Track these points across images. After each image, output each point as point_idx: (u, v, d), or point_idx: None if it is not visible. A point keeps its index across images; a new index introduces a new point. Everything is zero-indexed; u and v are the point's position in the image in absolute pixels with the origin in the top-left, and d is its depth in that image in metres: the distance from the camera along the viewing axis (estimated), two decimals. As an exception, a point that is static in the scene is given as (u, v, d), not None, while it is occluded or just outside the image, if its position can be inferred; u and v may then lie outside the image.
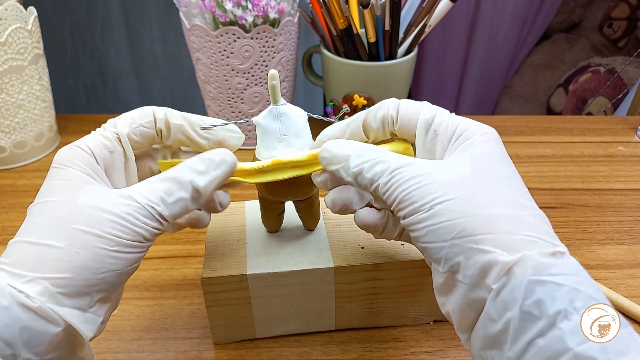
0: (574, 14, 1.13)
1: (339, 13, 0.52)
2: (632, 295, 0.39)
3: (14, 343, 0.21)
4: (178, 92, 1.07)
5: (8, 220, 0.48)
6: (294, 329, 0.36)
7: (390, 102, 0.28)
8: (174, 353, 0.35)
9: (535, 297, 0.20)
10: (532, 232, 0.21)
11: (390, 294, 0.35)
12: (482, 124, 0.26)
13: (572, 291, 0.20)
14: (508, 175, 0.24)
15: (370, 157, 0.25)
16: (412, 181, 0.23)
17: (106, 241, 0.23)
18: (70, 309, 0.22)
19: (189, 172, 0.26)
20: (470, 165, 0.24)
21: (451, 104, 1.15)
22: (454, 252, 0.22)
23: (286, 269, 0.32)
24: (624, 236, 0.46)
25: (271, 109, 0.30)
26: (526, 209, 0.23)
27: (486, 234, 0.21)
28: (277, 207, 0.33)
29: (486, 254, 0.21)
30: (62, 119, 0.64)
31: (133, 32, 0.99)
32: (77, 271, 0.22)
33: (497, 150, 0.25)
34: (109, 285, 0.23)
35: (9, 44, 0.51)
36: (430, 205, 0.23)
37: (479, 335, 0.22)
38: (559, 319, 0.19)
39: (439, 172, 0.23)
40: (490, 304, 0.21)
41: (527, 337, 0.20)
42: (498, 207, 0.22)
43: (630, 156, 0.59)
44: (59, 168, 0.25)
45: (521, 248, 0.21)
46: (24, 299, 0.21)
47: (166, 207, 0.24)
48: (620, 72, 0.96)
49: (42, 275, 0.22)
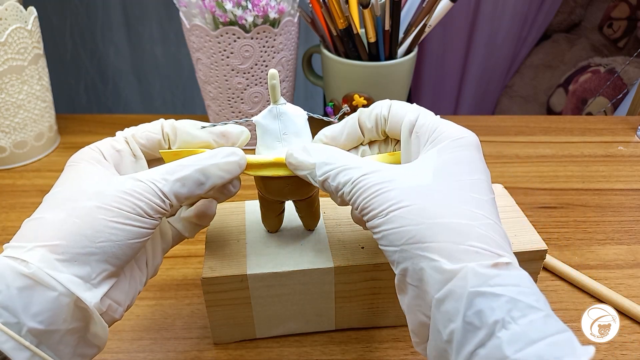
0: (574, 14, 1.13)
1: (339, 13, 0.52)
2: (632, 295, 0.39)
3: (17, 311, 0.21)
4: (178, 92, 1.07)
5: (8, 220, 0.48)
6: (294, 329, 0.36)
7: (383, 103, 0.29)
8: (174, 353, 0.35)
9: (476, 308, 0.20)
10: (478, 243, 0.22)
11: (390, 294, 0.35)
12: (460, 128, 0.27)
13: (510, 301, 0.20)
14: (469, 184, 0.24)
15: (335, 164, 0.26)
16: (373, 189, 0.24)
17: (104, 211, 0.23)
18: (69, 275, 0.22)
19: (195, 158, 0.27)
20: (432, 173, 0.24)
21: (451, 104, 1.15)
22: (403, 257, 0.23)
23: (286, 269, 0.32)
24: (624, 236, 0.46)
25: (271, 108, 0.30)
26: (477, 219, 0.23)
27: (432, 242, 0.22)
28: (277, 207, 0.33)
29: (430, 261, 0.22)
30: (62, 119, 0.64)
31: (133, 32, 0.99)
32: (74, 238, 0.23)
33: (466, 157, 0.25)
34: (110, 256, 0.24)
35: (9, 44, 0.51)
36: (386, 212, 0.23)
37: (432, 346, 0.22)
38: (497, 329, 0.19)
39: (400, 180, 0.24)
40: (435, 314, 0.22)
41: (470, 347, 0.20)
42: (448, 216, 0.23)
43: (630, 156, 0.59)
44: (70, 166, 0.27)
45: (464, 258, 0.21)
46: (18, 266, 0.22)
47: (167, 184, 0.25)
48: (620, 72, 0.96)
49: (40, 243, 0.22)
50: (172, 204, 0.26)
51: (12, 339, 0.21)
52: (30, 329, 0.21)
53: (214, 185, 0.27)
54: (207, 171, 0.27)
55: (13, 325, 0.21)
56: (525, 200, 0.51)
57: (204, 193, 0.27)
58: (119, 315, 0.26)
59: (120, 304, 0.26)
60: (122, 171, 0.28)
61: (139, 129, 0.30)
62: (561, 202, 0.51)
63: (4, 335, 0.21)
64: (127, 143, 0.29)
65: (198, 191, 0.27)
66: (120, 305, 0.26)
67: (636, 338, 0.36)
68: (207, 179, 0.27)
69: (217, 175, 0.27)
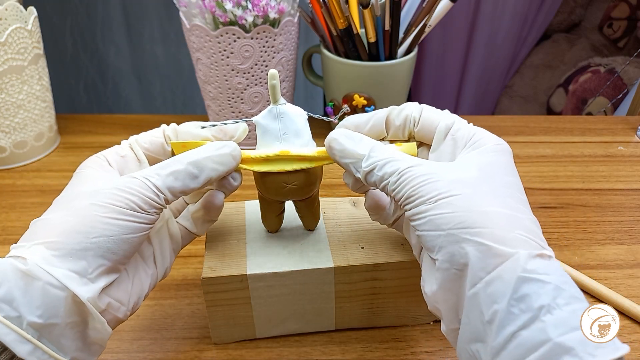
0: (574, 14, 1.13)
1: (339, 13, 0.52)
2: (632, 295, 0.39)
3: (17, 305, 0.22)
4: (178, 92, 1.07)
5: (8, 220, 0.48)
6: (294, 329, 0.36)
7: (414, 105, 0.31)
8: (174, 353, 0.35)
9: (522, 292, 0.21)
10: (526, 233, 0.23)
11: (390, 294, 0.35)
12: (496, 136, 0.28)
13: (556, 289, 0.21)
14: (510, 184, 0.26)
15: (382, 156, 0.27)
16: (420, 178, 0.25)
17: (98, 207, 0.24)
18: (65, 270, 0.23)
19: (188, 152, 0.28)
20: (476, 169, 0.26)
21: (451, 104, 1.15)
22: (449, 240, 0.23)
23: (286, 269, 0.32)
24: (624, 236, 0.46)
25: (271, 108, 0.30)
26: (522, 213, 0.24)
27: (483, 227, 0.23)
28: (277, 207, 0.33)
29: (480, 245, 0.22)
30: (62, 119, 0.64)
31: (133, 32, 0.99)
32: (69, 235, 0.24)
33: (505, 161, 0.27)
34: (105, 251, 0.24)
35: (9, 44, 0.51)
36: (435, 198, 0.24)
37: (467, 328, 0.23)
38: (542, 313, 0.20)
39: (446, 172, 0.25)
40: (480, 295, 0.22)
41: (512, 328, 0.21)
42: (496, 206, 0.24)
43: (630, 156, 0.59)
44: (77, 173, 0.28)
45: (514, 245, 0.22)
46: (18, 263, 0.23)
47: (160, 178, 0.26)
48: (620, 72, 0.96)
49: (39, 241, 0.24)
50: (167, 198, 0.26)
51: (14, 331, 0.22)
52: (30, 323, 0.22)
53: (209, 178, 0.28)
54: (200, 164, 0.27)
55: (14, 318, 0.22)
56: (525, 200, 0.51)
57: (200, 186, 0.28)
58: (123, 315, 0.26)
59: (122, 303, 0.26)
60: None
61: (141, 135, 0.31)
62: (561, 202, 0.51)
63: (5, 328, 0.21)
64: (131, 149, 0.30)
65: (193, 184, 0.27)
66: (123, 304, 0.26)
67: (636, 338, 0.36)
68: (201, 171, 0.27)
69: (210, 168, 0.28)
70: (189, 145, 0.30)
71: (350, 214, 0.37)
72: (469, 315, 0.23)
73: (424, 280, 0.27)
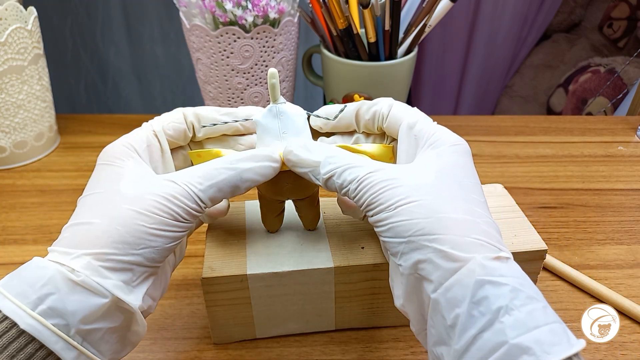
0: (574, 14, 1.13)
1: (339, 13, 0.52)
2: (632, 295, 0.39)
3: (66, 314, 0.22)
4: (178, 91, 1.07)
5: (8, 220, 0.48)
6: (294, 329, 0.36)
7: (385, 101, 0.31)
8: (174, 353, 0.35)
9: (481, 294, 0.22)
10: (482, 237, 0.23)
11: (390, 294, 0.35)
12: (455, 136, 0.28)
13: (513, 290, 0.22)
14: (468, 186, 0.26)
15: (340, 163, 0.27)
16: (380, 185, 0.25)
17: (145, 218, 0.24)
18: (114, 281, 0.24)
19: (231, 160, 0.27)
20: (435, 174, 0.26)
21: (451, 104, 1.15)
22: (410, 247, 0.24)
23: (286, 269, 0.32)
24: (624, 236, 0.46)
25: (271, 107, 0.30)
26: (479, 217, 0.25)
27: (441, 234, 0.23)
28: (277, 207, 0.33)
29: (439, 252, 0.23)
30: (62, 119, 0.64)
31: (133, 32, 0.99)
32: (117, 246, 0.24)
33: (463, 162, 0.27)
34: (149, 261, 0.25)
35: (9, 44, 0.51)
36: (395, 205, 0.25)
37: (432, 332, 0.24)
38: (500, 314, 0.21)
39: (405, 178, 0.26)
40: (441, 300, 0.23)
41: (473, 331, 0.21)
42: (454, 212, 0.24)
43: (630, 156, 0.59)
44: (104, 164, 0.27)
45: (471, 250, 0.23)
46: (69, 274, 0.23)
47: (204, 189, 0.26)
48: (620, 72, 0.96)
49: (86, 251, 0.23)
50: (207, 207, 0.27)
51: (62, 339, 0.22)
52: (77, 330, 0.23)
53: (249, 188, 0.28)
54: (244, 176, 0.27)
55: (62, 327, 0.22)
56: (525, 200, 0.51)
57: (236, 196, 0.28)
58: (153, 310, 0.27)
59: (154, 299, 0.27)
60: (152, 165, 0.29)
61: (164, 120, 0.31)
62: (561, 202, 0.51)
63: (54, 336, 0.22)
64: (156, 136, 0.30)
65: (232, 195, 0.28)
66: (155, 300, 0.27)
67: (636, 338, 0.36)
68: (243, 183, 0.27)
69: (252, 180, 0.28)
70: (204, 155, 0.30)
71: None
72: (433, 318, 0.23)
73: (392, 280, 0.27)
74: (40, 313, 0.22)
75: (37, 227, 0.47)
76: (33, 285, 0.22)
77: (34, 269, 0.23)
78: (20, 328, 0.21)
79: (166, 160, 0.30)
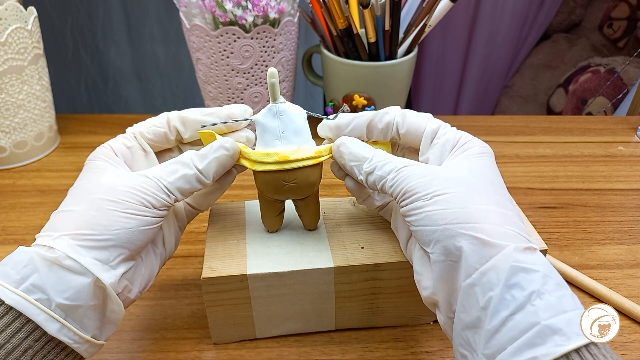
0: (574, 14, 1.13)
1: (339, 13, 0.52)
2: (632, 295, 0.39)
3: (46, 289, 0.24)
4: (178, 91, 1.07)
5: (8, 220, 0.48)
6: (294, 329, 0.36)
7: (396, 110, 0.32)
8: (174, 353, 0.35)
9: (515, 279, 0.23)
10: (514, 228, 0.25)
11: (390, 294, 0.35)
12: (479, 140, 0.30)
13: (544, 277, 0.23)
14: (497, 182, 0.28)
15: (382, 158, 0.29)
16: (416, 176, 0.27)
17: (117, 204, 0.27)
18: (90, 258, 0.26)
19: (191, 155, 0.30)
20: (467, 170, 0.28)
21: (451, 104, 1.15)
22: (445, 234, 0.25)
23: (286, 269, 0.32)
24: (624, 236, 0.46)
25: (270, 107, 0.30)
26: (510, 210, 0.26)
27: (477, 223, 0.25)
28: (277, 207, 0.33)
29: (474, 239, 0.24)
30: (62, 118, 0.64)
31: (134, 32, 0.99)
32: (93, 227, 0.26)
33: (490, 163, 0.29)
34: (125, 242, 0.27)
35: (9, 44, 0.51)
36: (431, 195, 0.26)
37: (461, 317, 0.25)
38: (532, 298, 0.22)
39: (440, 172, 0.28)
40: (475, 284, 0.24)
41: (506, 312, 0.22)
42: (488, 203, 0.26)
43: (630, 156, 0.59)
44: (88, 163, 0.31)
45: (505, 238, 0.24)
46: (46, 253, 0.25)
47: (171, 181, 0.29)
48: (620, 72, 0.95)
49: (65, 233, 0.26)
50: (177, 198, 0.29)
51: (44, 312, 0.24)
52: (58, 304, 0.25)
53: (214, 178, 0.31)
54: (204, 170, 0.30)
55: (44, 301, 0.24)
56: (525, 200, 0.51)
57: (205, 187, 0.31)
58: (134, 296, 0.29)
59: (135, 285, 0.29)
60: (135, 166, 0.31)
61: (145, 125, 0.33)
62: (561, 202, 0.51)
63: (36, 309, 0.24)
64: (136, 139, 0.32)
65: (200, 186, 0.30)
66: (135, 286, 0.29)
67: (636, 338, 0.36)
68: (205, 176, 0.30)
69: (214, 171, 0.30)
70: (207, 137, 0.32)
71: (350, 214, 0.37)
72: (463, 303, 0.24)
73: (418, 274, 0.28)
74: (23, 290, 0.24)
75: (37, 227, 0.47)
76: (15, 267, 0.25)
77: (15, 254, 0.26)
78: (7, 304, 0.24)
79: (150, 162, 0.33)
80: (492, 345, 0.23)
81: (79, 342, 0.26)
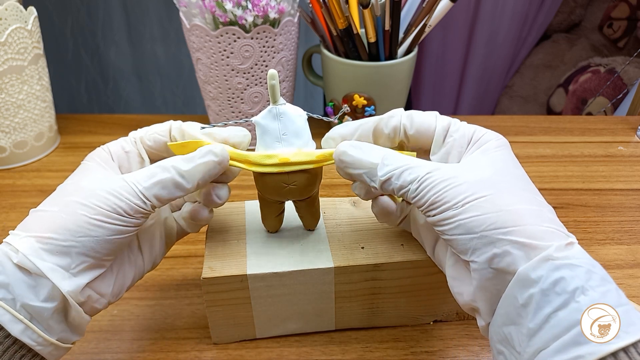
0: (574, 14, 1.13)
1: (339, 13, 0.52)
2: (632, 295, 0.39)
3: (12, 290, 0.24)
4: (178, 91, 1.07)
5: (8, 220, 0.48)
6: (294, 329, 0.36)
7: (401, 112, 0.30)
8: (174, 353, 0.35)
9: (558, 275, 0.22)
10: (551, 224, 0.24)
11: (390, 294, 0.35)
12: (493, 132, 0.29)
13: (587, 272, 0.22)
14: (522, 177, 0.27)
15: (398, 164, 0.27)
16: (442, 184, 0.26)
17: (88, 209, 0.26)
18: (51, 264, 0.25)
19: (175, 160, 0.28)
20: (490, 169, 0.26)
21: (451, 104, 1.15)
22: (483, 242, 0.24)
23: (286, 269, 0.32)
24: (624, 236, 0.46)
25: (271, 108, 0.30)
26: (542, 205, 0.26)
27: (514, 226, 0.24)
28: (277, 207, 0.33)
29: (515, 243, 0.24)
30: (62, 119, 0.64)
31: (134, 32, 0.99)
32: (59, 231, 0.25)
33: (510, 155, 0.28)
34: (89, 250, 0.26)
35: (9, 44, 0.51)
36: (462, 202, 0.25)
37: (500, 313, 0.24)
38: (576, 295, 0.22)
39: (465, 175, 0.26)
40: (515, 284, 0.23)
41: (549, 309, 0.22)
42: (520, 203, 0.25)
43: (630, 156, 0.59)
44: (83, 162, 0.30)
45: (545, 238, 0.24)
46: (11, 253, 0.25)
47: (147, 186, 0.27)
48: (620, 72, 0.96)
49: (32, 234, 0.25)
50: (154, 205, 0.27)
51: (8, 312, 0.24)
52: (23, 304, 0.24)
53: (196, 185, 0.28)
54: (187, 173, 0.28)
55: (9, 300, 0.24)
56: (525, 200, 0.51)
57: (188, 193, 0.28)
58: (102, 306, 0.28)
59: (103, 295, 0.28)
60: (131, 169, 0.30)
61: (148, 130, 0.31)
62: (561, 202, 0.51)
63: (1, 309, 0.24)
64: (135, 145, 0.31)
65: (179, 193, 0.28)
66: (103, 296, 0.28)
67: (636, 338, 0.36)
68: (187, 180, 0.28)
69: (196, 177, 0.28)
70: (189, 147, 0.30)
71: (350, 214, 0.37)
72: (505, 302, 0.24)
73: (455, 280, 0.27)
74: None
75: (37, 227, 0.47)
76: None
77: None
78: None
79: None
80: (534, 343, 0.22)
81: (42, 344, 0.25)
